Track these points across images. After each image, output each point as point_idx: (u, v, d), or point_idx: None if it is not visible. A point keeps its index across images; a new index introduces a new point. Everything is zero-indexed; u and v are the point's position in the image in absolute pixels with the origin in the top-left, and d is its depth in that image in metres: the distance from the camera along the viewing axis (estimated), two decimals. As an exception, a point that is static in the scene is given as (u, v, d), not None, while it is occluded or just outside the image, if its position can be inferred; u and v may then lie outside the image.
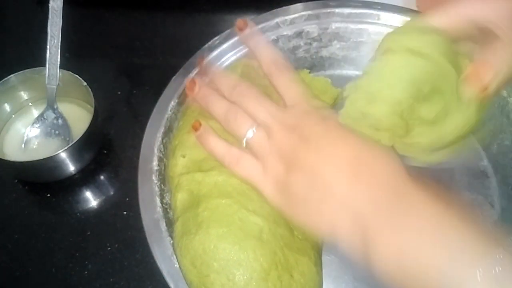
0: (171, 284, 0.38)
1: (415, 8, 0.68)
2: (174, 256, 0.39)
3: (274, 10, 0.54)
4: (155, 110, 0.48)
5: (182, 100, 0.49)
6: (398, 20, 0.54)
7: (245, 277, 0.36)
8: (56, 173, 0.53)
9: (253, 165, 0.38)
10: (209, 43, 0.52)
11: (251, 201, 0.39)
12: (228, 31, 0.53)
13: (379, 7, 0.54)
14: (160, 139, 0.46)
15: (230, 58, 0.53)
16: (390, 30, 0.55)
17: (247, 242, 0.37)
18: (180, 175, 0.42)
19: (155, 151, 0.45)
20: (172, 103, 0.48)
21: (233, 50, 0.53)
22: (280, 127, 0.38)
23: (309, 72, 0.55)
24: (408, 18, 0.54)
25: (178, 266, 0.39)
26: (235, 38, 0.53)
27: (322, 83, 0.51)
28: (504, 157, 0.49)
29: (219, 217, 0.38)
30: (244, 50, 0.53)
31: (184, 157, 0.43)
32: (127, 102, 0.61)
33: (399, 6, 0.56)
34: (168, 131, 0.47)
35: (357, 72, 0.58)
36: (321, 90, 0.51)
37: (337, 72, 0.58)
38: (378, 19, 0.54)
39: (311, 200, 0.34)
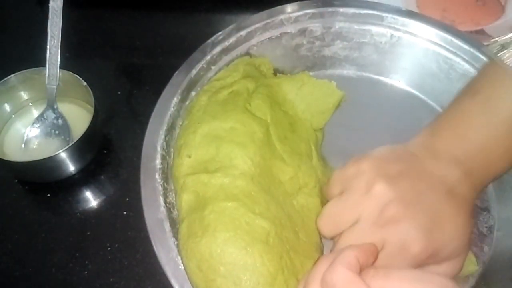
0: (176, 286, 0.38)
1: (415, 7, 0.68)
2: (179, 258, 0.39)
3: (278, 7, 0.54)
4: (157, 107, 0.47)
5: (185, 96, 0.49)
6: (401, 22, 0.54)
7: (252, 282, 0.36)
8: (56, 173, 0.52)
9: None
10: (212, 38, 0.52)
11: (258, 204, 0.39)
12: (231, 27, 0.53)
13: (383, 8, 0.54)
14: (163, 136, 0.45)
15: (232, 54, 0.53)
16: (393, 32, 0.55)
17: (254, 247, 0.37)
18: (185, 176, 0.42)
19: (158, 149, 0.45)
20: (175, 100, 0.48)
21: (236, 47, 0.53)
22: None
23: (310, 71, 0.55)
24: (410, 20, 0.54)
25: (182, 267, 0.38)
26: (238, 35, 0.53)
27: (327, 86, 0.51)
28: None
29: (226, 220, 0.38)
30: (247, 47, 0.53)
31: (189, 157, 0.43)
32: (127, 102, 0.61)
33: (403, 9, 0.56)
34: (171, 128, 0.47)
35: (358, 73, 0.58)
36: (326, 93, 0.51)
37: (338, 71, 0.58)
38: (382, 20, 0.54)
39: None
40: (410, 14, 0.55)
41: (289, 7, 0.54)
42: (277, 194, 0.41)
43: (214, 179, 0.40)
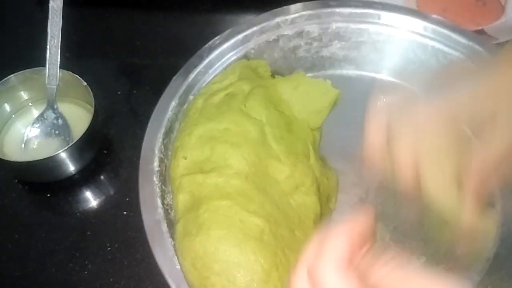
0: (173, 286, 0.38)
1: (415, 8, 0.68)
2: (175, 258, 0.39)
3: (274, 10, 0.54)
4: (155, 110, 0.48)
5: (183, 100, 0.49)
6: (399, 20, 0.54)
7: (246, 279, 0.36)
8: (56, 173, 0.53)
9: None
10: (210, 43, 0.53)
11: (252, 202, 0.39)
12: (228, 31, 0.53)
13: (380, 6, 0.55)
14: (160, 139, 0.46)
15: (230, 58, 0.53)
16: (391, 29, 0.55)
17: (248, 244, 0.37)
18: (181, 176, 0.42)
19: (156, 152, 0.45)
20: (173, 103, 0.49)
21: (233, 50, 0.53)
22: None
23: (310, 72, 0.55)
24: (408, 17, 0.54)
25: (179, 267, 0.39)
26: (236, 38, 0.53)
27: (322, 85, 0.51)
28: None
29: (220, 218, 0.38)
30: (244, 51, 0.53)
31: (185, 158, 0.43)
32: (127, 102, 0.61)
33: (399, 6, 0.56)
34: (169, 131, 0.47)
35: (357, 72, 0.58)
36: (321, 92, 0.51)
37: (338, 72, 0.58)
38: (379, 18, 0.54)
39: None
40: (407, 11, 0.55)
41: (285, 9, 0.55)
42: (272, 192, 0.42)
43: (209, 179, 0.41)
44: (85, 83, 0.53)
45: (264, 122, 0.45)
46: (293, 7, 0.55)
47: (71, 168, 0.53)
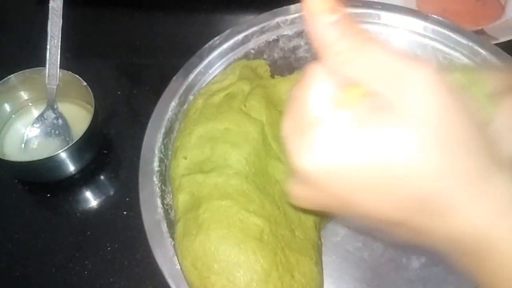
0: (173, 286, 0.38)
1: (415, 8, 0.68)
2: (175, 258, 0.39)
3: (274, 10, 0.54)
4: (155, 110, 0.48)
5: (183, 100, 0.49)
6: (398, 20, 0.54)
7: (246, 278, 0.36)
8: (56, 173, 0.53)
9: None
10: (210, 43, 0.52)
11: (252, 202, 0.39)
12: (228, 31, 0.53)
13: (380, 6, 0.54)
14: (160, 139, 0.46)
15: (230, 58, 0.53)
16: (390, 30, 0.55)
17: (248, 244, 0.37)
18: (181, 176, 0.42)
19: (156, 152, 0.45)
20: (173, 104, 0.48)
21: (233, 50, 0.53)
22: None
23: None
24: (408, 18, 0.54)
25: (179, 267, 0.39)
26: (235, 38, 0.53)
27: None
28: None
29: (220, 218, 0.38)
30: (244, 51, 0.53)
31: (185, 158, 0.43)
32: (127, 102, 0.61)
33: (399, 6, 0.56)
34: (169, 131, 0.47)
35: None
36: None
37: (338, 71, 0.58)
38: (379, 18, 0.54)
39: None
40: (407, 11, 0.55)
41: (285, 9, 0.54)
42: (272, 192, 0.42)
43: (209, 179, 0.41)
44: (85, 83, 0.53)
45: (264, 122, 0.45)
46: (293, 7, 0.55)
47: (71, 168, 0.53)
